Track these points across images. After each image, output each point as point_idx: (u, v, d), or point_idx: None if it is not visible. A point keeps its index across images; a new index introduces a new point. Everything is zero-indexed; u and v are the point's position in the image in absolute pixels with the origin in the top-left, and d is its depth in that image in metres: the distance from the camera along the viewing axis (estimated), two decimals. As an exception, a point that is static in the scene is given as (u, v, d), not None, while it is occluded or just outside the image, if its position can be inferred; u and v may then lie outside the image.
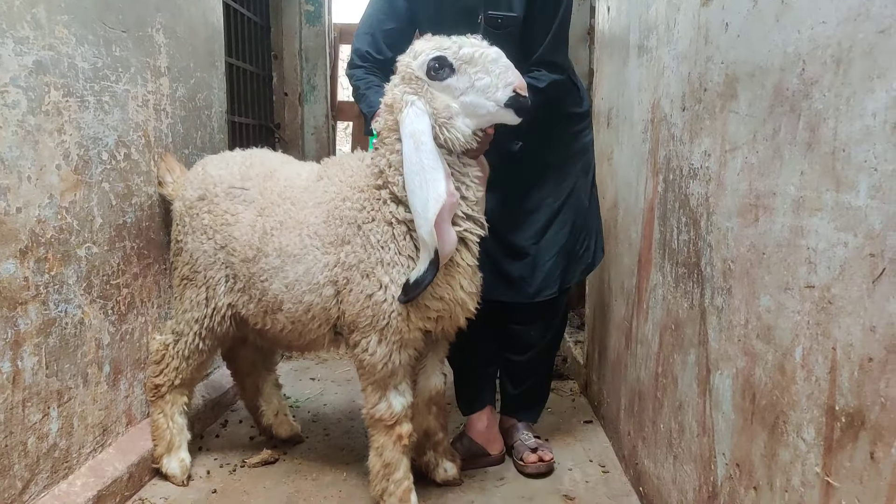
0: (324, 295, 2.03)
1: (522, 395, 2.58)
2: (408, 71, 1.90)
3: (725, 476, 1.51)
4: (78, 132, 1.99)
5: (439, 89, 1.87)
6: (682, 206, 1.88)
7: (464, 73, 1.84)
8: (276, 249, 2.08)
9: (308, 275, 2.04)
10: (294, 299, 2.07)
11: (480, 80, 1.83)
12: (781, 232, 1.29)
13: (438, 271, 1.89)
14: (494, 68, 1.83)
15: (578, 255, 2.47)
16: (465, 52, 1.84)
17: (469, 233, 1.96)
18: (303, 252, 2.04)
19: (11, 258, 1.73)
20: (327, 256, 2.01)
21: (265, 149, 2.51)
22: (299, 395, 3.20)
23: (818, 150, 1.18)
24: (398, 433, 2.05)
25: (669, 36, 2.05)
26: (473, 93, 1.84)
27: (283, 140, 4.39)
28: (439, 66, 1.84)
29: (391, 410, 2.04)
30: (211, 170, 2.31)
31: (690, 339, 1.78)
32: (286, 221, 2.09)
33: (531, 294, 2.38)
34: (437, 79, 1.85)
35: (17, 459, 1.77)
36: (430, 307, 1.95)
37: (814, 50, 1.20)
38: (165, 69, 2.50)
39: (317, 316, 2.07)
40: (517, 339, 2.52)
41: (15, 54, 1.73)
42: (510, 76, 1.84)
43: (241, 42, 3.81)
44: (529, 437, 2.48)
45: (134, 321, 2.33)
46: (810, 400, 1.17)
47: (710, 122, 1.68)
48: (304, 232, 2.06)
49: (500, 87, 1.83)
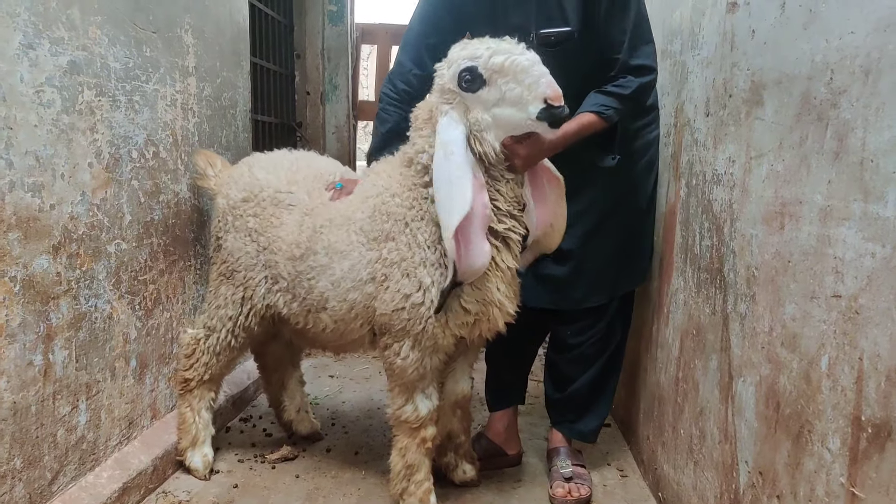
0: (365, 292, 2.00)
1: (565, 403, 2.42)
2: (440, 83, 1.88)
3: (748, 484, 1.51)
4: (109, 131, 2.03)
5: (472, 101, 1.82)
6: (704, 211, 1.88)
7: (494, 85, 1.78)
8: (325, 247, 2.07)
9: (353, 271, 2.01)
10: (339, 297, 2.05)
11: (511, 92, 1.76)
12: (808, 240, 1.29)
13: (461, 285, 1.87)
14: (525, 78, 1.75)
15: (634, 261, 2.38)
16: (496, 61, 1.76)
17: (512, 232, 1.91)
18: (349, 248, 2.02)
19: (45, 254, 1.77)
20: (371, 252, 1.98)
21: (312, 152, 2.51)
22: (318, 392, 3.23)
23: (846, 159, 1.18)
24: (422, 436, 2.05)
25: (694, 41, 2.05)
26: (504, 104, 1.79)
27: (304, 139, 4.43)
28: (471, 78, 1.79)
29: (417, 413, 2.04)
30: (257, 172, 2.30)
31: (712, 345, 1.78)
32: (335, 218, 2.08)
33: (576, 300, 2.28)
34: (468, 90, 1.81)
35: (46, 451, 1.82)
36: (468, 311, 1.92)
37: (842, 60, 1.20)
38: (193, 69, 2.54)
39: (360, 315, 2.04)
40: (556, 337, 2.43)
41: (50, 55, 1.77)
42: (542, 86, 1.75)
43: (264, 41, 3.85)
44: (567, 466, 2.30)
45: (160, 316, 2.37)
46: (836, 410, 1.17)
47: (734, 129, 1.68)
48: (350, 228, 2.04)
49: (531, 100, 1.75)
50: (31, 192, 1.71)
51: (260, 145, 3.61)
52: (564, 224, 2.04)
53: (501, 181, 1.89)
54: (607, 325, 2.36)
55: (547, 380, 2.50)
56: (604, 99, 2.01)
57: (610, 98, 2.02)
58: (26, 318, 1.71)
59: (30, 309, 1.72)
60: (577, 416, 2.42)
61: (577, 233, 2.19)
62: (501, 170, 1.88)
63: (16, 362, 1.69)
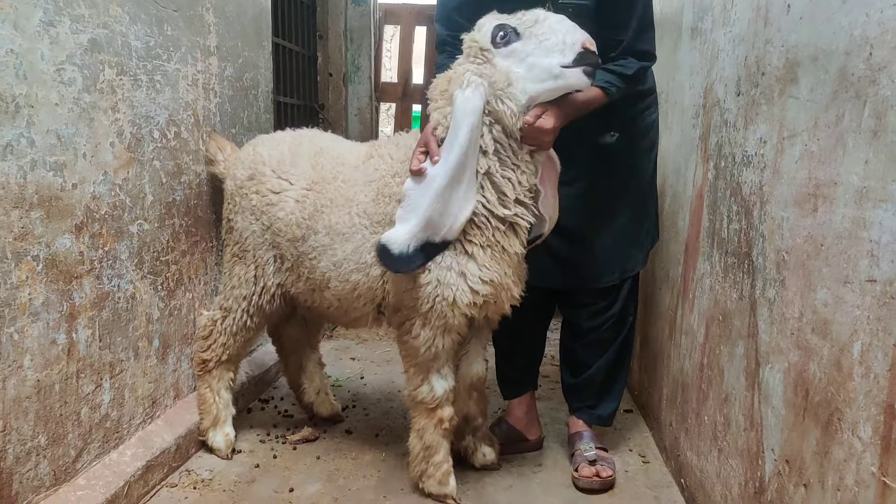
0: (371, 275, 2.03)
1: (582, 388, 2.42)
2: (471, 45, 1.89)
3: (774, 472, 1.48)
4: (131, 110, 2.03)
5: (504, 56, 1.84)
6: (733, 194, 1.83)
7: (530, 36, 1.81)
8: (326, 227, 2.09)
9: (356, 254, 2.04)
10: (341, 277, 2.08)
11: (548, 41, 1.79)
12: (842, 223, 1.24)
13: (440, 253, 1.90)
14: (561, 28, 1.80)
15: (640, 240, 2.38)
16: (530, 16, 1.83)
17: (520, 218, 1.92)
18: (352, 231, 2.04)
19: (67, 233, 1.78)
20: (375, 236, 1.97)
21: (315, 129, 2.52)
22: (339, 374, 3.24)
23: (884, 138, 1.13)
24: (439, 416, 2.06)
25: (726, 18, 1.99)
26: (540, 52, 1.80)
27: (326, 121, 4.41)
28: (504, 34, 1.82)
29: (433, 393, 2.04)
30: (261, 149, 2.33)
31: (739, 331, 1.74)
32: (336, 199, 2.09)
33: (587, 279, 2.29)
34: (502, 45, 1.83)
35: (70, 429, 1.83)
36: (478, 291, 1.92)
37: (883, 34, 1.15)
38: (214, 48, 2.53)
39: (363, 295, 2.07)
40: (571, 323, 2.43)
41: (71, 32, 1.76)
42: (579, 34, 1.79)
43: (287, 21, 3.83)
44: (591, 448, 2.29)
45: (182, 297, 2.38)
46: (868, 397, 1.13)
47: (767, 108, 1.63)
48: (353, 210, 2.05)
49: (569, 46, 1.78)
50: (53, 171, 1.72)
51: (282, 127, 3.57)
52: (557, 212, 2.05)
53: (514, 170, 1.89)
54: (621, 308, 2.37)
55: (563, 366, 2.51)
56: (608, 76, 2.01)
57: (613, 76, 2.02)
58: (49, 296, 1.72)
59: (53, 288, 1.73)
60: (596, 401, 2.42)
61: (582, 213, 2.22)
62: (513, 154, 1.89)
63: (39, 341, 1.70)
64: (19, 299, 1.63)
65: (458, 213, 1.85)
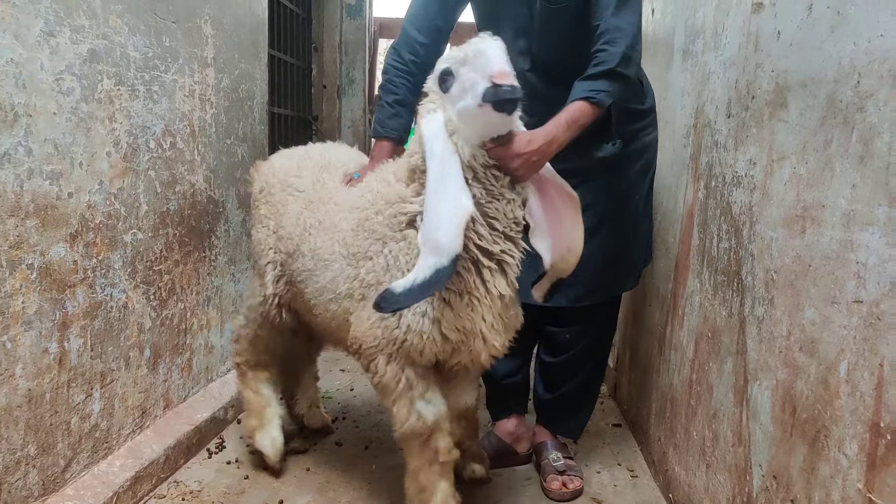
0: (343, 306, 1.90)
1: (556, 403, 2.41)
2: (427, 85, 1.78)
3: (761, 488, 1.50)
4: (128, 120, 2.03)
5: (447, 101, 1.68)
6: (723, 213, 1.86)
7: (458, 77, 1.62)
8: (311, 251, 2.00)
9: (333, 283, 1.92)
10: (322, 306, 1.99)
11: (467, 80, 1.58)
12: (830, 245, 1.27)
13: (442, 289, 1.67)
14: (478, 61, 1.56)
15: (632, 261, 2.34)
16: (460, 54, 1.62)
17: (507, 255, 1.74)
18: (331, 258, 1.92)
19: (62, 242, 1.78)
20: (350, 268, 1.86)
21: (341, 143, 2.47)
22: (329, 385, 3.23)
23: (871, 164, 1.16)
24: (434, 448, 1.84)
25: (717, 41, 2.03)
26: (464, 95, 1.60)
27: (320, 132, 4.43)
28: (444, 78, 1.67)
29: (423, 420, 1.83)
30: (275, 161, 2.33)
31: (728, 348, 1.76)
32: (324, 221, 1.99)
33: (573, 299, 2.22)
34: (445, 90, 1.68)
35: (60, 438, 1.83)
36: (446, 338, 1.75)
37: (870, 63, 1.18)
38: (212, 60, 2.54)
39: (341, 326, 1.93)
40: (551, 339, 2.40)
41: (71, 42, 1.78)
42: (491, 65, 1.52)
43: (283, 34, 3.86)
44: (559, 459, 2.30)
45: (174, 307, 2.38)
46: (854, 416, 1.16)
47: (756, 130, 1.66)
48: (335, 237, 1.93)
49: (479, 81, 1.55)
50: (50, 180, 1.72)
51: (276, 138, 3.62)
52: (581, 245, 1.87)
53: (500, 199, 1.71)
54: (604, 325, 2.38)
55: (539, 380, 2.48)
56: (589, 84, 1.84)
57: (595, 81, 1.84)
58: (42, 305, 1.72)
59: (46, 297, 1.73)
60: (569, 415, 2.44)
61: None
62: (499, 185, 1.70)
63: (31, 349, 1.70)
64: (13, 308, 1.63)
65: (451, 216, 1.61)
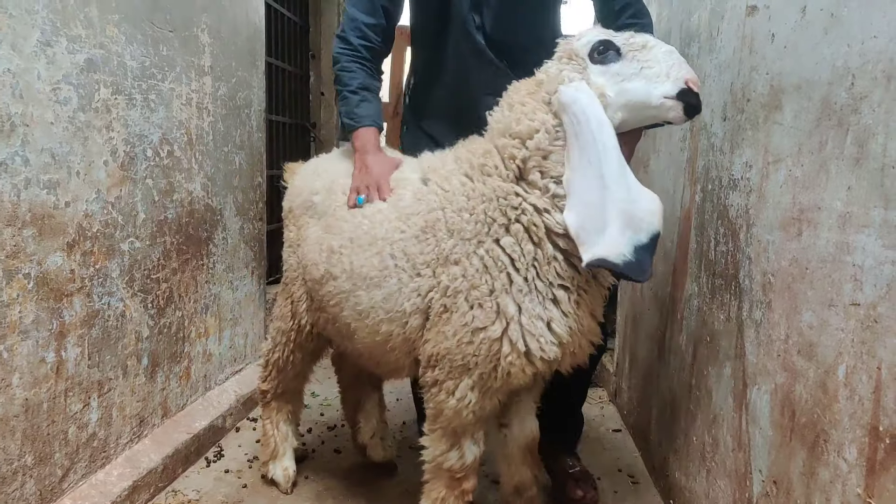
0: (411, 325, 1.70)
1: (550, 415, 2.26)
2: (568, 49, 1.68)
3: (762, 493, 1.49)
4: (125, 129, 2.04)
5: (598, 74, 1.62)
6: (720, 216, 1.86)
7: (632, 59, 1.60)
8: (347, 272, 1.79)
9: (388, 301, 1.71)
10: (368, 329, 1.78)
11: (650, 69, 1.58)
12: (826, 247, 1.27)
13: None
14: (668, 59, 1.59)
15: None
16: (638, 40, 1.63)
17: None
18: (382, 274, 1.72)
19: (59, 251, 1.78)
20: (418, 280, 1.67)
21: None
22: (330, 393, 3.22)
23: (866, 165, 1.16)
24: (464, 488, 1.75)
25: (712, 45, 2.03)
26: (639, 79, 1.59)
27: (318, 139, 4.43)
28: (604, 49, 1.62)
29: (463, 461, 1.72)
30: (296, 180, 2.16)
31: (726, 352, 1.76)
32: (359, 238, 1.79)
33: None
34: (599, 62, 1.62)
35: (57, 448, 1.82)
36: (561, 342, 1.62)
37: (864, 65, 1.18)
38: (209, 68, 2.55)
39: (397, 347, 1.75)
40: None
41: (68, 52, 1.78)
42: (685, 70, 1.58)
43: (280, 42, 3.87)
44: (575, 466, 2.24)
45: (172, 315, 2.38)
46: (853, 419, 1.15)
47: (752, 133, 1.66)
48: (384, 250, 1.72)
49: (672, 78, 1.56)
50: (47, 190, 1.72)
51: (274, 145, 3.62)
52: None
53: None
54: None
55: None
56: None
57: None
58: (39, 315, 1.72)
59: (43, 306, 1.73)
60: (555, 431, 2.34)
61: None
62: None
63: (28, 359, 1.69)
64: (10, 317, 1.63)
65: (647, 192, 1.56)
